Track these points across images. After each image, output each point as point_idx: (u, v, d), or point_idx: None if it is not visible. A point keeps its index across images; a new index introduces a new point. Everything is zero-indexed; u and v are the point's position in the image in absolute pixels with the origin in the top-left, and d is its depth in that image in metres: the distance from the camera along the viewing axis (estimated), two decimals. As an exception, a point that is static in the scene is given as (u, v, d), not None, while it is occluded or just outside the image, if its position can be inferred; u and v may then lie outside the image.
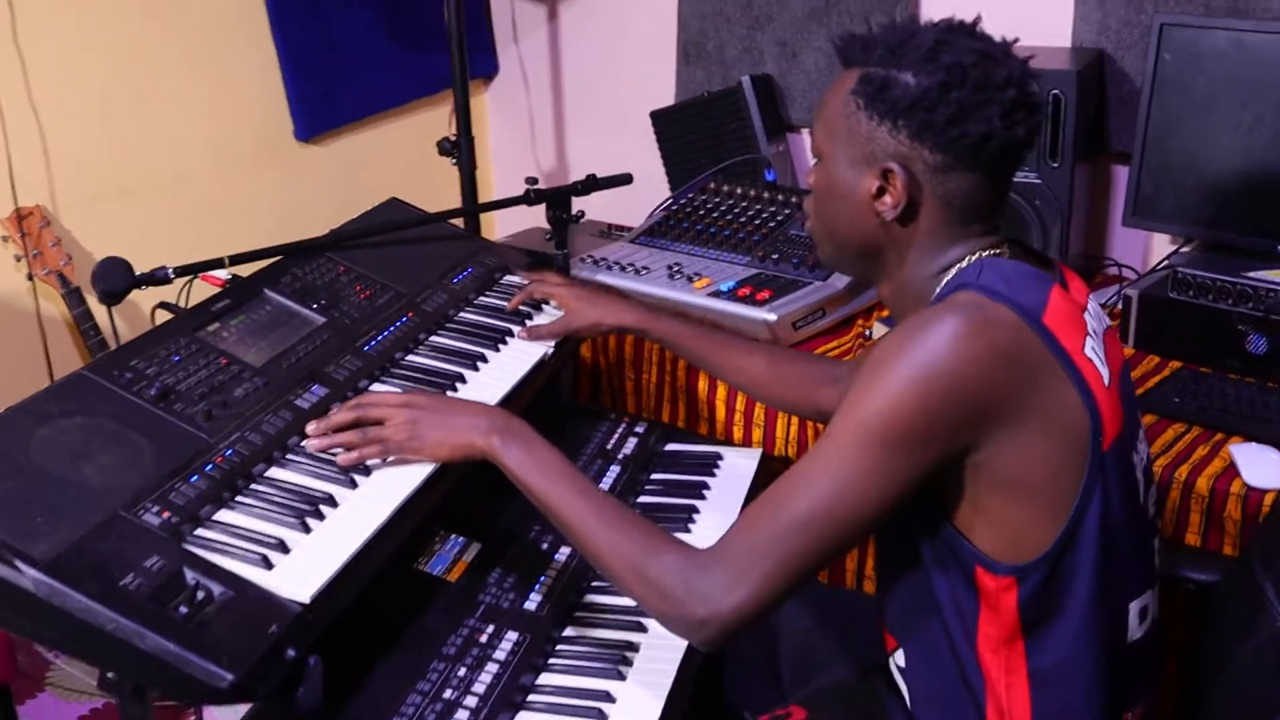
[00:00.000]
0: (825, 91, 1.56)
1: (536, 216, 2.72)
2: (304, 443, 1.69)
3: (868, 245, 1.55)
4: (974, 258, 1.50)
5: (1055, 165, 2.52)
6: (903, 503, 1.40)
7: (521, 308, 2.23)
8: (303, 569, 1.48)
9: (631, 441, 2.32)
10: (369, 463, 1.68)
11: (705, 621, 1.40)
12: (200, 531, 1.50)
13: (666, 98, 3.44)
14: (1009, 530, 1.44)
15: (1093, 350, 1.45)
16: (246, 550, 1.47)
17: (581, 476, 1.59)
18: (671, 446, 2.36)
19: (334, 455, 1.68)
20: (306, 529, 1.54)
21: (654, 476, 2.25)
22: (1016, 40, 1.52)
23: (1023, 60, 1.49)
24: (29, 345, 2.84)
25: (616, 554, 1.49)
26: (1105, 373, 1.46)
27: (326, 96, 3.39)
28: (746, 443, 2.48)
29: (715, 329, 2.19)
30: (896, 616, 1.61)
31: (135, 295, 2.04)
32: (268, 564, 1.46)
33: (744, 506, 2.14)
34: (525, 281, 2.30)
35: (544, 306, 2.25)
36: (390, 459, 1.69)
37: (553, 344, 2.15)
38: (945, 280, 1.50)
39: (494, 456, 1.62)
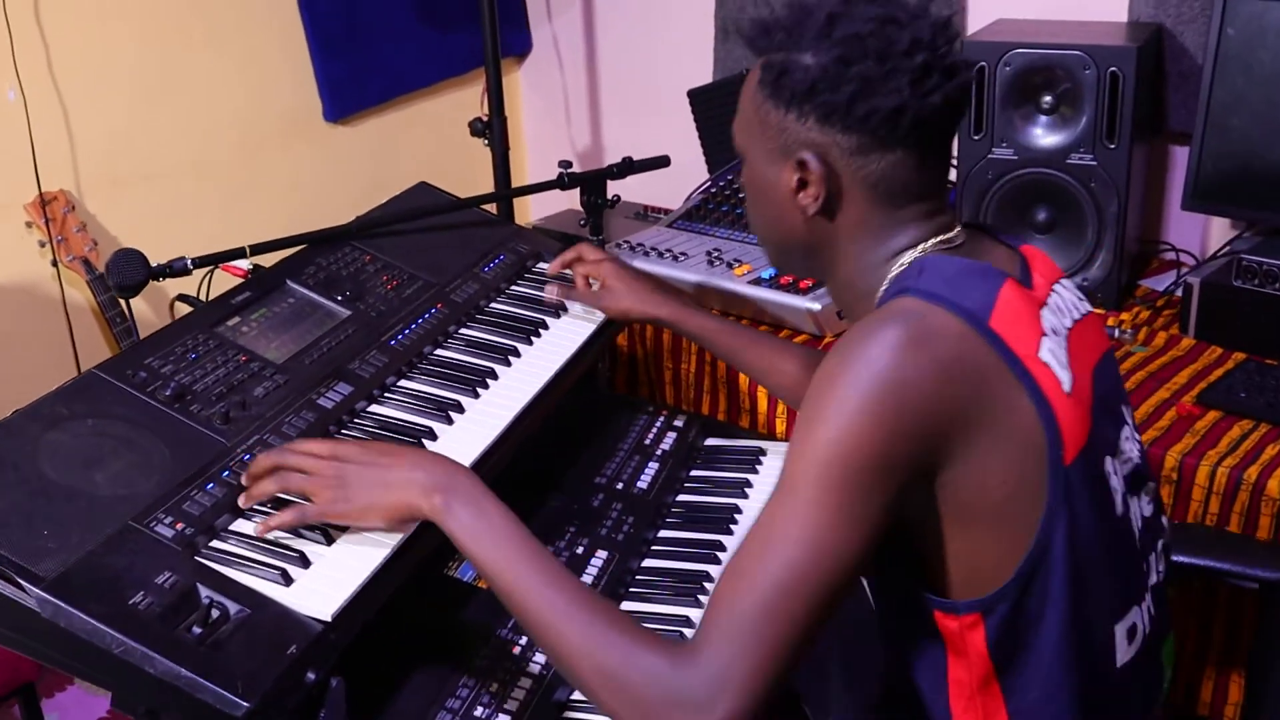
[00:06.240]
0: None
1: (571, 198, 2.66)
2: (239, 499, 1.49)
3: (802, 243, 1.44)
4: (915, 254, 1.38)
5: (1112, 146, 2.40)
6: (881, 539, 1.25)
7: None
8: (325, 584, 1.39)
9: (670, 436, 2.24)
10: None
11: None
12: (215, 543, 1.43)
13: (704, 75, 3.37)
14: (966, 562, 1.32)
15: (1050, 353, 1.32)
16: (265, 565, 1.40)
17: (543, 552, 1.36)
18: (712, 441, 2.27)
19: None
20: (329, 540, 1.46)
21: (694, 473, 2.17)
22: None
23: (936, 20, 1.36)
24: (55, 333, 2.80)
25: (581, 653, 1.26)
26: (1065, 377, 1.32)
27: (356, 76, 3.33)
28: (789, 437, 2.39)
29: (749, 326, 2.08)
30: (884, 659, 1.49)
31: (158, 282, 1.98)
32: (287, 579, 1.38)
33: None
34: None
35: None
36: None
37: (590, 330, 2.07)
38: (889, 276, 1.38)
39: (436, 520, 1.40)
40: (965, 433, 1.25)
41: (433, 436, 1.72)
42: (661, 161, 2.59)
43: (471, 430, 1.76)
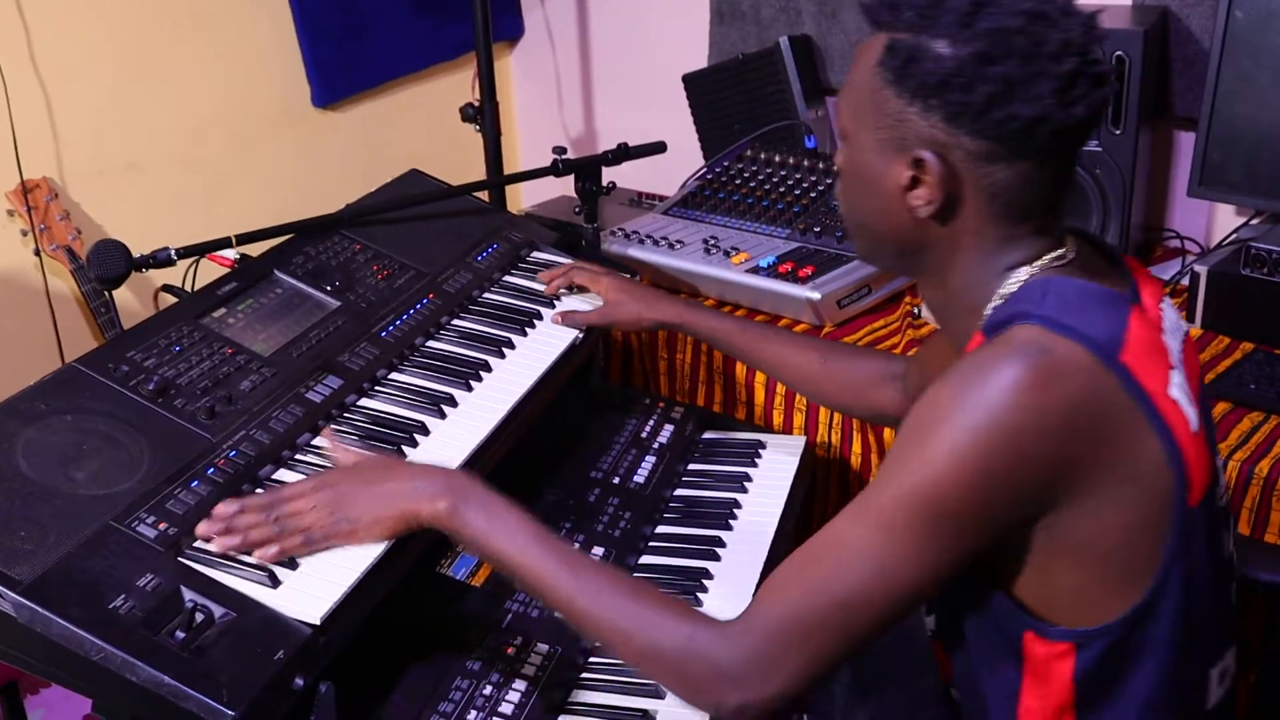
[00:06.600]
0: (854, 59, 1.33)
1: (565, 185, 2.61)
2: (209, 544, 1.38)
3: (905, 243, 1.32)
4: (1030, 271, 1.27)
5: (1118, 132, 2.36)
6: (957, 576, 1.21)
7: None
8: (313, 585, 1.35)
9: (668, 429, 2.20)
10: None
11: (742, 708, 1.22)
12: (200, 544, 1.37)
13: (699, 60, 3.30)
14: (1068, 592, 1.24)
15: (1179, 389, 1.22)
16: (251, 566, 1.35)
17: (562, 543, 1.35)
18: (709, 434, 2.23)
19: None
20: (317, 539, 1.41)
21: (691, 467, 2.13)
22: None
23: (1086, 18, 1.23)
24: (38, 324, 2.73)
25: (621, 632, 1.27)
26: (1193, 415, 1.23)
27: (345, 61, 3.25)
28: (788, 429, 2.35)
29: (760, 322, 2.03)
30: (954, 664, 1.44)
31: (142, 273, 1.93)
32: (274, 581, 1.34)
33: (788, 499, 2.03)
34: (555, 258, 2.17)
35: (573, 290, 2.12)
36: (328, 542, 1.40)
37: (584, 328, 2.03)
38: (1000, 292, 1.28)
39: (445, 525, 1.36)
40: (1085, 479, 1.18)
41: (425, 431, 1.67)
42: (657, 147, 2.53)
43: (464, 424, 1.72)
